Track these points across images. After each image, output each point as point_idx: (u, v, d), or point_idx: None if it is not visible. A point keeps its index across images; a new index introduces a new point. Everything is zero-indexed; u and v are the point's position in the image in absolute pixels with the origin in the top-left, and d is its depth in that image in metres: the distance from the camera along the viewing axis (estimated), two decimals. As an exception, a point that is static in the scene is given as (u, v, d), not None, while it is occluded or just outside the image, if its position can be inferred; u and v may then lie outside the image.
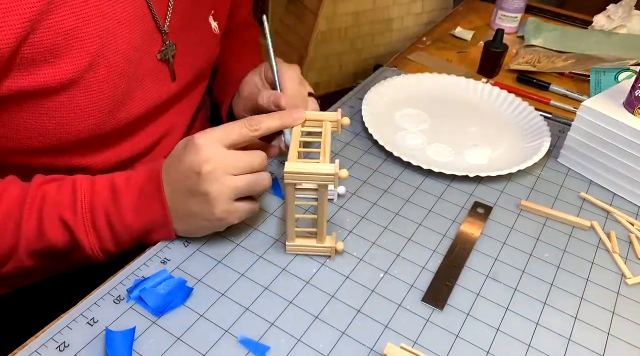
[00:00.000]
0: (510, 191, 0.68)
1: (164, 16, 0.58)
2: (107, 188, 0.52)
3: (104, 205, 0.51)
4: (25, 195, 0.51)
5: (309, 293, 0.53)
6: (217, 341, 0.48)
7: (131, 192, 0.52)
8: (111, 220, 0.51)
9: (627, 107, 0.67)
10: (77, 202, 0.51)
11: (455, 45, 1.07)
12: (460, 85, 0.86)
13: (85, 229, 0.51)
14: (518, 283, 0.56)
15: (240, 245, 0.57)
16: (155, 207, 0.52)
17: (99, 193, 0.51)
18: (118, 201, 0.51)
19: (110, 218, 0.51)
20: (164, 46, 0.59)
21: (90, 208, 0.51)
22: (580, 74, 0.95)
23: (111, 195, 0.51)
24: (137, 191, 0.52)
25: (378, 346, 0.48)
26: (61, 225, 0.50)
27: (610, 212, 0.66)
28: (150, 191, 0.52)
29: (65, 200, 0.51)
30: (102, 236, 0.52)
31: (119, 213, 0.51)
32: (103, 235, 0.52)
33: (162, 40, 0.59)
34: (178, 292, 0.51)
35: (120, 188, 0.52)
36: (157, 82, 0.60)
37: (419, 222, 0.62)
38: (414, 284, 0.54)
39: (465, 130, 0.78)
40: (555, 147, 0.76)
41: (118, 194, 0.51)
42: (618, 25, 1.09)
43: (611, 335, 0.51)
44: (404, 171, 0.70)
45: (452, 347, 0.49)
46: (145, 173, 0.53)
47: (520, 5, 1.08)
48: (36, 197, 0.50)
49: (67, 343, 0.46)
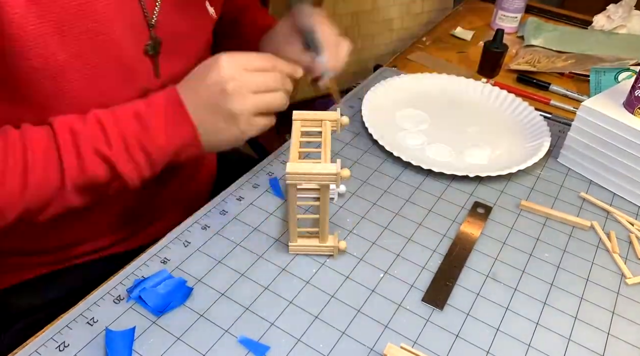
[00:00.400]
0: (510, 191, 0.68)
1: (152, 9, 0.57)
2: (132, 118, 0.53)
3: (134, 134, 0.52)
4: (52, 133, 0.50)
5: (309, 293, 0.53)
6: (217, 341, 0.48)
7: (156, 116, 0.53)
8: (145, 146, 0.53)
9: (627, 107, 0.67)
10: (109, 134, 0.51)
11: (455, 45, 1.07)
12: (460, 85, 0.86)
13: (123, 159, 0.52)
14: (518, 283, 0.56)
15: (240, 245, 0.57)
16: (184, 127, 0.54)
17: (126, 123, 0.52)
18: (147, 127, 0.53)
19: (144, 144, 0.52)
20: (150, 41, 0.58)
21: (122, 139, 0.52)
22: (580, 74, 0.95)
23: (138, 123, 0.52)
24: (162, 114, 0.53)
25: (378, 346, 0.48)
26: (100, 159, 0.51)
27: (610, 212, 0.66)
28: (174, 113, 0.54)
29: (96, 134, 0.51)
30: (139, 163, 0.53)
31: (151, 138, 0.53)
32: (140, 162, 0.53)
33: (149, 36, 0.58)
34: (178, 292, 0.51)
35: (144, 115, 0.53)
36: (141, 77, 0.59)
37: (419, 222, 0.62)
38: (414, 284, 0.54)
39: (465, 130, 0.78)
40: (555, 147, 0.76)
41: (144, 121, 0.53)
42: (618, 25, 1.09)
43: (611, 335, 0.51)
44: (404, 171, 0.70)
45: (452, 347, 0.49)
46: (163, 97, 0.54)
47: (520, 5, 1.08)
48: (65, 132, 0.50)
49: (67, 343, 0.46)
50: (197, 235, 0.58)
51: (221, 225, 0.59)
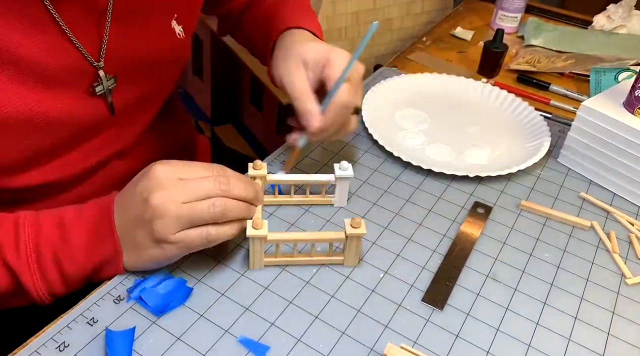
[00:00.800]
0: (510, 191, 0.68)
1: (98, 49, 0.52)
2: (55, 225, 0.47)
3: (51, 244, 0.47)
4: None
5: (309, 293, 0.53)
6: (217, 341, 0.48)
7: (81, 228, 0.48)
8: (60, 260, 0.47)
9: (627, 107, 0.67)
10: (21, 241, 0.46)
11: (455, 45, 1.07)
12: (460, 85, 0.86)
13: (31, 271, 0.46)
14: (518, 283, 0.56)
15: (240, 245, 0.57)
16: (106, 243, 0.48)
17: (45, 230, 0.47)
18: (67, 238, 0.47)
19: (59, 257, 0.47)
20: (98, 81, 0.53)
21: (35, 247, 0.46)
22: (580, 74, 0.95)
23: (59, 232, 0.47)
24: (88, 226, 0.48)
25: (378, 346, 0.48)
26: (3, 266, 0.46)
27: (610, 212, 0.66)
28: (102, 226, 0.48)
29: (6, 238, 0.46)
30: (50, 278, 0.47)
31: (69, 252, 0.47)
32: (51, 277, 0.47)
33: (96, 75, 0.53)
34: (178, 292, 0.51)
35: (69, 224, 0.47)
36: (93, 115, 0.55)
37: (419, 222, 0.62)
38: (414, 284, 0.54)
39: (465, 130, 0.78)
40: (555, 147, 0.76)
41: (67, 231, 0.47)
42: (618, 25, 1.09)
43: (611, 335, 0.51)
44: (404, 171, 0.70)
45: (452, 347, 0.49)
46: (97, 207, 0.49)
47: (520, 5, 1.08)
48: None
49: (67, 343, 0.46)
50: (197, 235, 0.58)
51: (221, 225, 0.59)
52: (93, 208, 0.49)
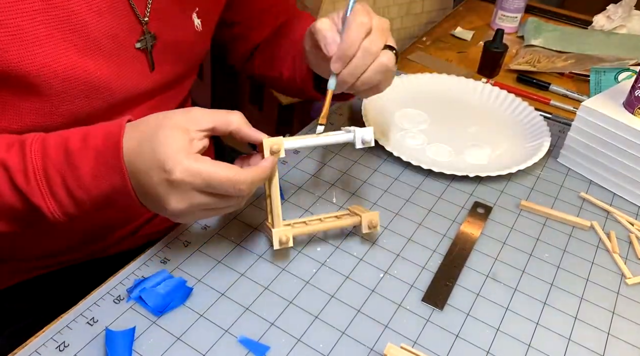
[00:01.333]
0: (510, 191, 0.68)
1: (144, 7, 0.57)
2: (61, 150, 0.47)
3: (58, 169, 0.47)
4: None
5: (309, 293, 0.53)
6: (217, 341, 0.48)
7: (87, 156, 0.47)
8: (68, 185, 0.47)
9: (627, 107, 0.67)
10: (29, 166, 0.47)
11: (455, 45, 1.07)
12: (460, 85, 0.86)
13: (42, 194, 0.47)
14: (518, 283, 0.56)
15: (240, 245, 0.57)
16: (114, 176, 0.47)
17: (52, 155, 0.47)
18: (74, 165, 0.47)
19: (67, 182, 0.47)
20: (143, 36, 0.57)
21: (44, 172, 0.47)
22: (580, 74, 0.95)
23: (65, 159, 0.47)
24: (94, 155, 0.47)
25: (378, 346, 0.48)
26: (15, 190, 0.47)
27: (610, 212, 0.66)
28: (109, 158, 0.47)
29: (14, 163, 0.47)
30: (62, 200, 0.48)
31: (76, 178, 0.47)
32: (62, 200, 0.48)
33: (142, 31, 0.57)
34: (178, 292, 0.51)
35: (75, 151, 0.47)
36: (135, 71, 0.59)
37: (419, 222, 0.62)
38: (414, 284, 0.54)
39: (465, 130, 0.78)
40: (555, 147, 0.76)
41: (73, 158, 0.47)
42: (618, 25, 1.09)
43: (611, 335, 0.51)
44: (404, 171, 0.70)
45: (452, 347, 0.49)
46: (102, 137, 0.48)
47: (520, 5, 1.08)
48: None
49: (67, 343, 0.46)
50: (197, 235, 0.58)
51: (221, 225, 0.59)
52: (98, 136, 0.48)
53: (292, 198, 0.64)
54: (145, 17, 0.57)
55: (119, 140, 0.47)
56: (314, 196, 0.64)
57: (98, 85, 0.54)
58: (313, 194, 0.65)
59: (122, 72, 0.56)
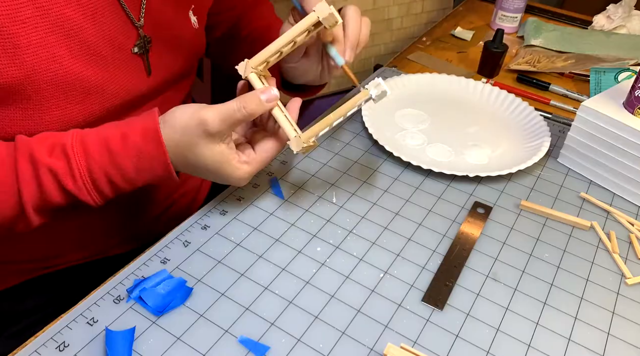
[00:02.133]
0: (510, 191, 0.68)
1: (138, 10, 0.57)
2: (104, 151, 0.51)
3: (102, 169, 0.50)
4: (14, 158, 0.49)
5: (309, 293, 0.53)
6: (217, 341, 0.48)
7: (129, 154, 0.51)
8: (113, 180, 0.51)
9: (627, 107, 0.67)
10: (74, 168, 0.50)
11: (455, 45, 1.07)
12: (460, 85, 0.86)
13: (89, 192, 0.51)
14: (518, 283, 0.56)
15: (240, 245, 0.57)
16: (157, 168, 0.52)
17: (95, 156, 0.50)
18: (117, 163, 0.51)
19: (112, 179, 0.51)
20: (139, 40, 0.58)
21: (89, 173, 0.50)
22: (580, 73, 0.95)
23: (109, 159, 0.51)
24: (135, 152, 0.51)
25: (378, 346, 0.48)
26: (63, 192, 0.50)
27: (610, 212, 0.66)
28: (150, 152, 0.51)
29: (60, 167, 0.49)
30: (107, 194, 0.52)
31: (121, 174, 0.51)
32: (107, 194, 0.52)
33: (137, 34, 0.57)
34: (178, 292, 0.51)
35: (117, 150, 0.51)
36: (132, 76, 0.59)
37: (419, 222, 0.62)
38: (414, 284, 0.54)
39: (465, 130, 0.78)
40: (555, 147, 0.76)
41: (116, 157, 0.51)
42: (618, 25, 1.09)
43: (611, 335, 0.51)
44: (404, 171, 0.70)
45: (452, 347, 0.49)
46: (140, 133, 0.51)
47: (520, 5, 1.08)
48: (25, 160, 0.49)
49: (67, 343, 0.46)
50: (197, 235, 0.58)
51: (221, 225, 0.59)
52: (136, 133, 0.51)
53: (292, 198, 0.64)
54: (140, 21, 0.57)
55: (157, 133, 0.51)
56: (314, 196, 0.64)
57: (93, 91, 0.54)
58: (313, 194, 0.65)
59: (118, 77, 0.56)
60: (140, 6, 0.57)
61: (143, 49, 0.58)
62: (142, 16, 0.57)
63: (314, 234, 0.59)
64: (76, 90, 0.53)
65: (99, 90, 0.55)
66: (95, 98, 0.55)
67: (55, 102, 0.52)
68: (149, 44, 0.59)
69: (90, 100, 0.54)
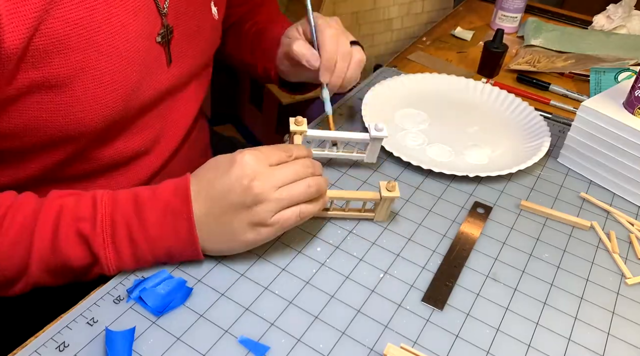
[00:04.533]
0: (510, 191, 0.68)
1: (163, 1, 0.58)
2: (130, 201, 0.50)
3: (126, 218, 0.49)
4: (40, 208, 0.49)
5: (309, 293, 0.53)
6: (217, 341, 0.48)
7: (156, 205, 0.50)
8: (132, 234, 0.49)
9: (627, 107, 0.67)
10: (98, 214, 0.49)
11: (455, 45, 1.07)
12: (460, 85, 0.86)
13: (104, 242, 0.49)
14: (518, 283, 0.56)
15: (240, 245, 0.57)
16: (181, 223, 0.50)
17: (122, 205, 0.50)
18: (141, 214, 0.49)
19: (132, 231, 0.49)
20: (163, 29, 0.58)
21: (111, 221, 0.49)
22: (580, 73, 0.95)
23: (134, 208, 0.49)
24: (162, 205, 0.50)
25: (378, 346, 0.48)
26: (78, 238, 0.48)
27: (610, 212, 0.66)
28: (177, 206, 0.50)
29: (84, 212, 0.49)
30: (121, 250, 0.49)
31: (142, 227, 0.49)
32: (122, 250, 0.49)
33: (162, 23, 0.58)
34: (178, 292, 0.51)
35: (144, 200, 0.50)
36: (156, 67, 0.59)
37: (419, 222, 0.62)
38: (414, 284, 0.54)
39: (465, 130, 0.78)
40: (555, 147, 0.76)
41: (142, 207, 0.49)
42: (618, 25, 1.09)
43: (611, 335, 0.51)
44: (404, 171, 0.70)
45: (452, 347, 0.49)
46: (172, 187, 0.51)
47: (520, 5, 1.09)
48: (52, 209, 0.49)
49: (67, 343, 0.46)
50: (197, 235, 0.58)
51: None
52: (167, 188, 0.51)
53: (292, 198, 0.64)
54: (164, 9, 0.57)
55: (187, 188, 0.50)
56: (314, 196, 0.64)
57: (132, 87, 0.55)
58: (313, 194, 0.65)
59: (147, 69, 0.57)
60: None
61: (165, 39, 0.59)
62: (166, 5, 0.58)
63: (314, 234, 0.59)
64: (121, 88, 0.54)
65: (138, 84, 0.56)
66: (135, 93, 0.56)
67: (103, 101, 0.53)
68: (171, 34, 0.59)
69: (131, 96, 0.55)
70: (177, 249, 0.51)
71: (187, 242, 0.51)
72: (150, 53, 0.57)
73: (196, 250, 0.51)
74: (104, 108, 0.53)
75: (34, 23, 0.45)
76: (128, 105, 0.56)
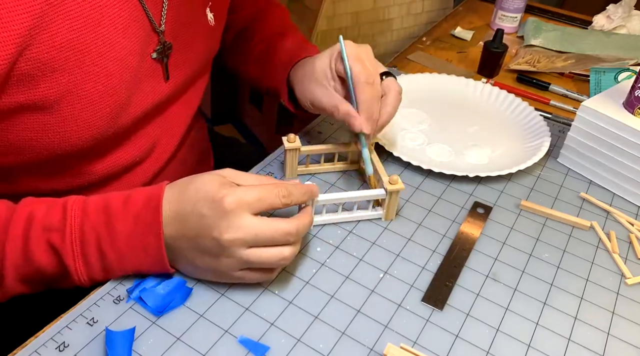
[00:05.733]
0: (510, 191, 0.68)
1: (159, 15, 0.57)
2: (101, 211, 0.48)
3: (95, 229, 0.48)
4: (10, 216, 0.48)
5: (309, 293, 0.53)
6: (217, 341, 0.48)
7: (126, 217, 0.48)
8: (102, 246, 0.48)
9: (627, 107, 0.67)
10: (67, 224, 0.47)
11: (455, 45, 1.07)
12: (460, 85, 0.86)
13: (74, 254, 0.47)
14: (518, 283, 0.56)
15: (240, 245, 0.57)
16: (150, 239, 0.48)
17: (92, 215, 0.48)
18: (111, 225, 0.48)
19: (101, 243, 0.48)
20: (159, 46, 0.57)
21: (80, 232, 0.47)
22: (580, 74, 0.95)
23: (105, 219, 0.48)
24: (133, 217, 0.48)
25: (378, 346, 0.48)
26: (48, 248, 0.47)
27: (610, 212, 0.66)
28: (147, 220, 0.48)
29: (54, 222, 0.47)
30: (91, 262, 0.48)
31: (112, 240, 0.48)
32: (92, 261, 0.48)
33: (158, 40, 0.57)
34: (178, 292, 0.51)
35: (115, 212, 0.48)
36: (152, 83, 0.59)
37: (419, 222, 0.62)
38: (414, 284, 0.54)
39: (465, 130, 0.78)
40: (555, 147, 0.76)
41: (112, 218, 0.48)
42: (618, 25, 1.09)
43: (611, 335, 0.51)
44: (404, 171, 0.70)
45: (452, 347, 0.49)
46: (143, 199, 0.49)
47: (520, 5, 1.09)
48: (22, 218, 0.47)
49: (67, 343, 0.46)
50: (197, 235, 0.58)
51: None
52: (139, 199, 0.49)
53: (292, 198, 0.64)
54: (161, 27, 0.57)
55: (158, 201, 0.48)
56: (314, 196, 0.64)
57: (121, 105, 0.54)
58: (313, 194, 0.65)
59: (140, 86, 0.56)
60: (162, 10, 0.56)
61: (162, 55, 0.58)
62: (163, 22, 0.57)
63: (314, 234, 0.59)
64: (109, 108, 0.53)
65: (127, 102, 0.55)
66: (124, 111, 0.55)
67: (90, 121, 0.52)
68: (169, 51, 0.59)
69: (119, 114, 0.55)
70: (145, 265, 0.50)
71: (156, 259, 0.49)
72: (141, 70, 0.56)
73: (165, 267, 0.50)
74: (92, 127, 0.53)
75: (17, 49, 0.43)
76: (118, 122, 0.55)
